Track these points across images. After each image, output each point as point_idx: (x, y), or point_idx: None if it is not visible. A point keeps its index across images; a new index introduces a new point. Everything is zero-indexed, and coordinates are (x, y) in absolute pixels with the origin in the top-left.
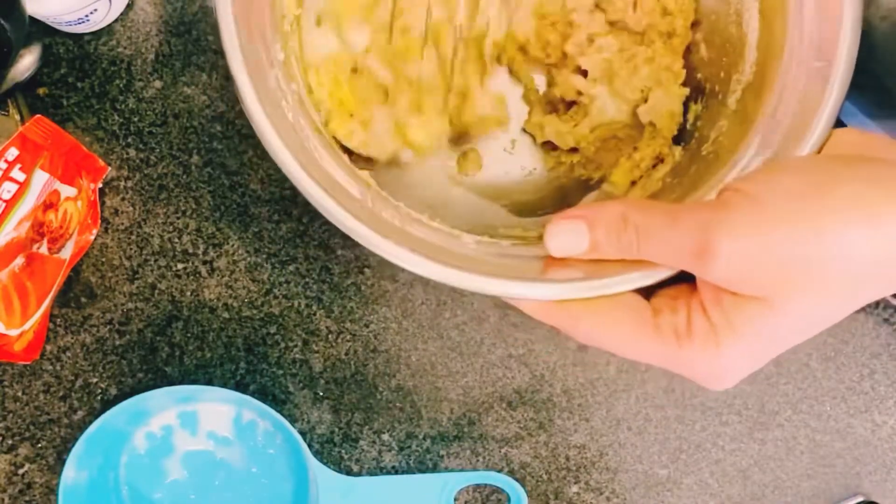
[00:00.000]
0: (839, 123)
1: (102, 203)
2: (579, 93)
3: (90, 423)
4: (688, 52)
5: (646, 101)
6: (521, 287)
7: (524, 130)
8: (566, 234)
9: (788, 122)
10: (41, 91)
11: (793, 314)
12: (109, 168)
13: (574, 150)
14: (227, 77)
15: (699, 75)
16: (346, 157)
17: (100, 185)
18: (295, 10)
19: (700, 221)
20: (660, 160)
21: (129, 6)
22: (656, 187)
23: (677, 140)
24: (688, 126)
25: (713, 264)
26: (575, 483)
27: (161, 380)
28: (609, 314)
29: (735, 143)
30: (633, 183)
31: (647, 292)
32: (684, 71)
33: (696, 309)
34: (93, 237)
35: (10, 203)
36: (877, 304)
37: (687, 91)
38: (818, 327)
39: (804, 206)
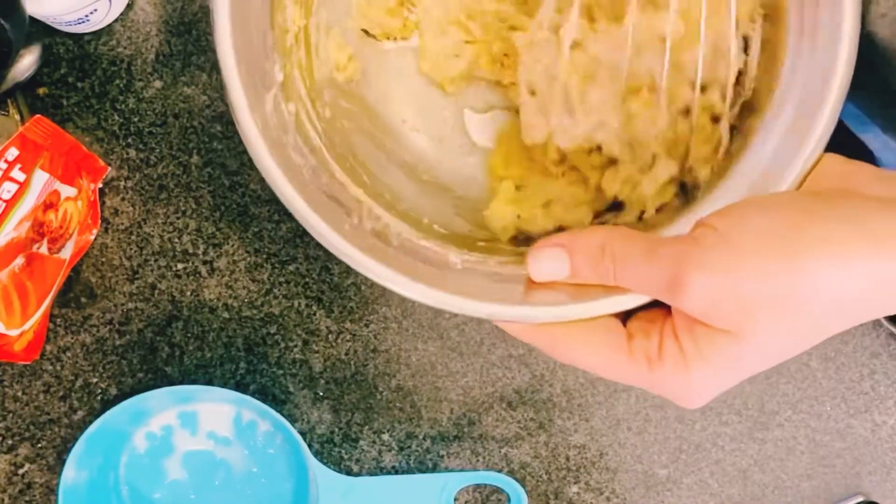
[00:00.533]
0: (839, 125)
1: (102, 203)
2: None
3: (90, 423)
4: None
5: None
6: (503, 310)
7: None
8: (547, 261)
9: (774, 152)
10: (41, 91)
11: (760, 347)
12: (109, 168)
13: None
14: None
15: None
16: (339, 172)
17: (100, 185)
18: (301, 21)
19: (673, 256)
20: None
21: (129, 6)
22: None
23: None
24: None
25: (684, 298)
26: (575, 483)
27: (161, 380)
28: (585, 338)
29: (723, 171)
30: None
31: (626, 314)
32: None
33: (669, 335)
34: (93, 237)
35: (10, 203)
36: None
37: None
38: (785, 357)
39: (774, 245)
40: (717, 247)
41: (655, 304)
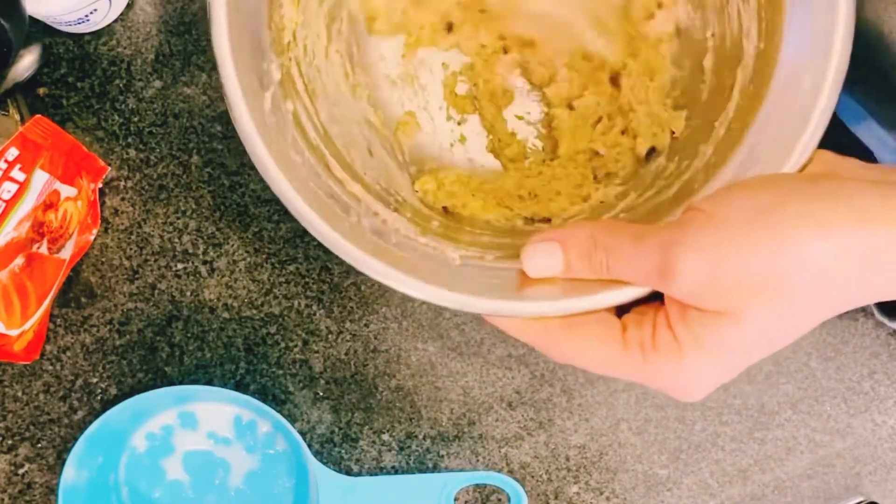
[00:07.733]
0: (837, 123)
1: (102, 203)
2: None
3: (90, 423)
4: None
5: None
6: (501, 305)
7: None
8: (541, 256)
9: (770, 144)
10: (41, 91)
11: (754, 327)
12: (109, 168)
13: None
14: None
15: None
16: (337, 169)
17: (100, 185)
18: (298, 18)
19: (661, 241)
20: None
21: (129, 6)
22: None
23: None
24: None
25: (674, 282)
26: (575, 483)
27: (161, 380)
28: (580, 332)
29: (722, 158)
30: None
31: (621, 309)
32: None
33: (662, 323)
34: (93, 237)
35: (10, 203)
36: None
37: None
38: (781, 341)
39: (762, 221)
40: (704, 227)
41: (650, 299)
